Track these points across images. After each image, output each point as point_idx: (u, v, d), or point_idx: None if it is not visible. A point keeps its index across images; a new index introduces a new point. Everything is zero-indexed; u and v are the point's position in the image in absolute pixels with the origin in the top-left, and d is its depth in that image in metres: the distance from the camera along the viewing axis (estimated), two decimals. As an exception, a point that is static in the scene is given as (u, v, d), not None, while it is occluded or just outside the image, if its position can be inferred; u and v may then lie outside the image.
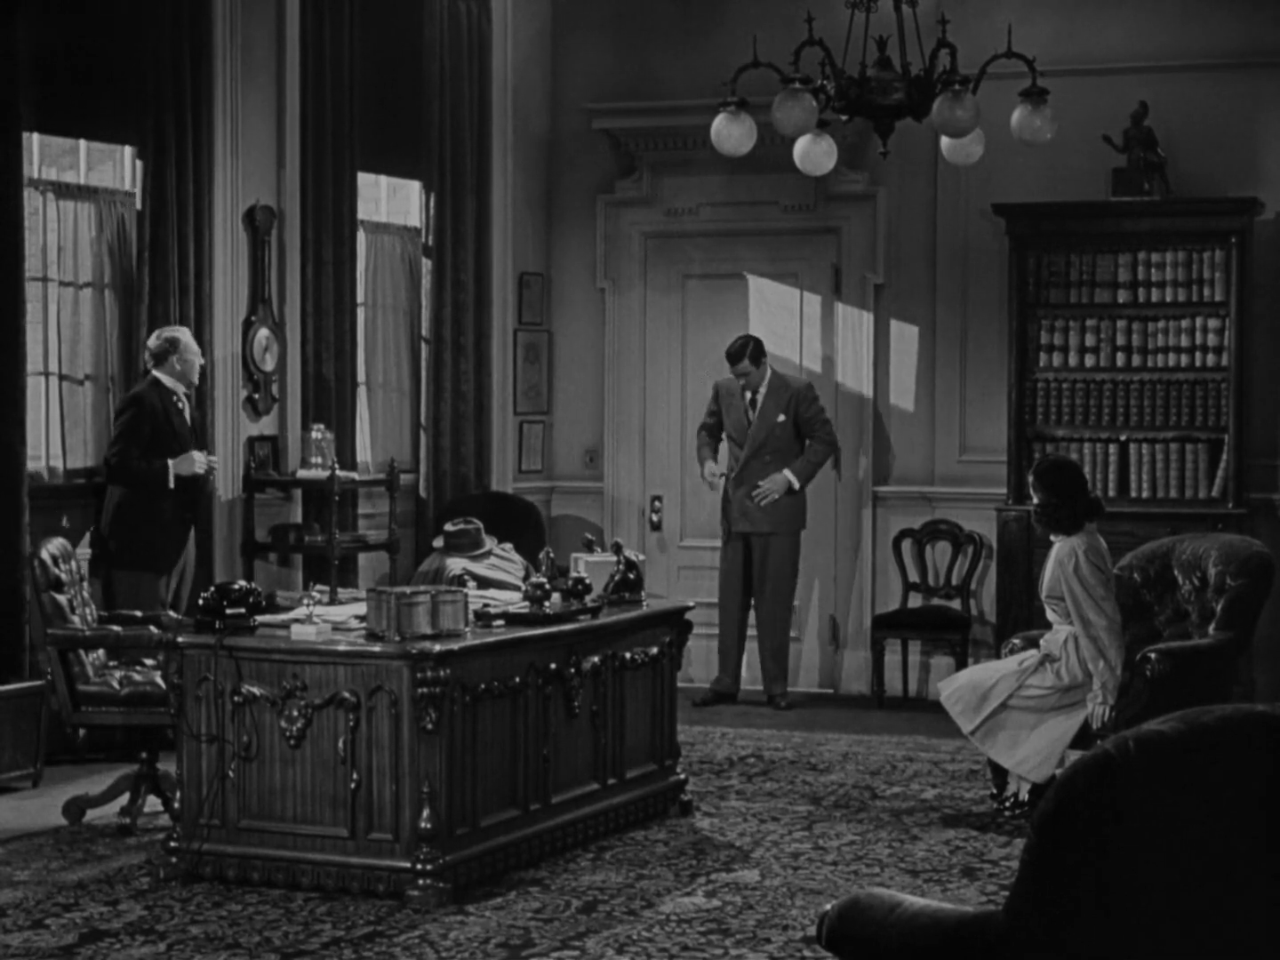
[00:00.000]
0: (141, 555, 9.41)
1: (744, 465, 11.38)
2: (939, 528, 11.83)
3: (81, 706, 7.96)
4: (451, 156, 11.73)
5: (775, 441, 11.37)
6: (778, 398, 11.35)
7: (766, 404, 11.37)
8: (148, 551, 9.43)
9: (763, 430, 11.37)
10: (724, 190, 12.22)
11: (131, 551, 9.39)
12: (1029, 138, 7.89)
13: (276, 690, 6.96)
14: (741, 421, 11.44)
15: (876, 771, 9.39)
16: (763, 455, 11.36)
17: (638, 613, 8.11)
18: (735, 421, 11.48)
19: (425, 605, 6.99)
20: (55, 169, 10.00)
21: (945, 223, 11.83)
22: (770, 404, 11.37)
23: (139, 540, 9.39)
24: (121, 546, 9.40)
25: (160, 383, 9.47)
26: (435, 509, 11.72)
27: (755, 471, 11.38)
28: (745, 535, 11.45)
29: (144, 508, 9.44)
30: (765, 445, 11.36)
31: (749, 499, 11.38)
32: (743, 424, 11.43)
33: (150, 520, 9.47)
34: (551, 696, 7.49)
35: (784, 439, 11.38)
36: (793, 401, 11.35)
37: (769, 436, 11.36)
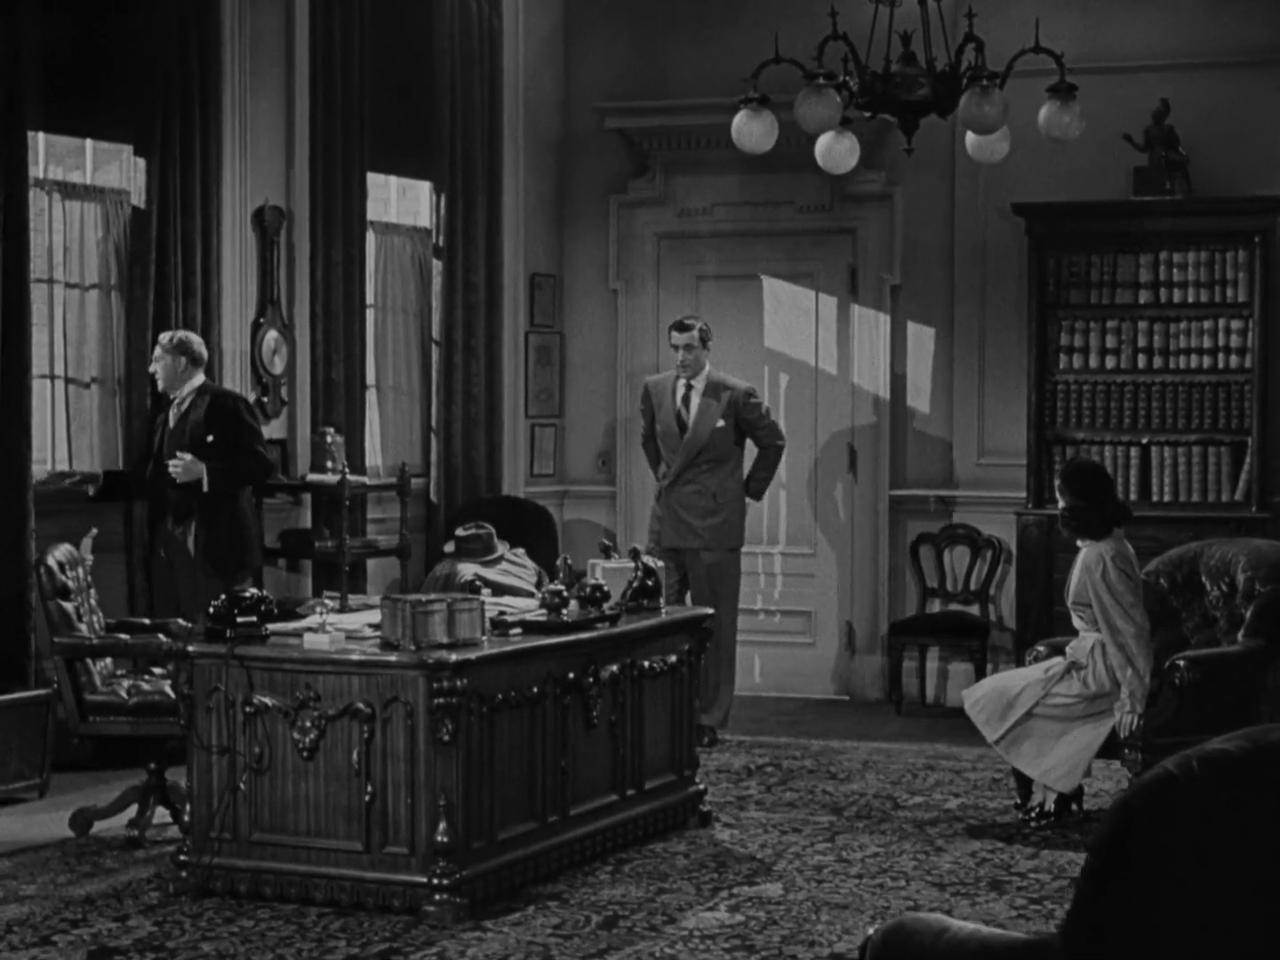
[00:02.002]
0: (236, 557, 9.32)
1: (679, 473, 10.41)
2: (957, 532, 11.67)
3: (89, 716, 7.80)
4: (462, 156, 11.57)
5: (714, 449, 10.37)
6: (716, 399, 10.36)
7: (704, 406, 10.36)
8: (243, 552, 9.36)
9: (700, 435, 10.37)
10: (739, 190, 12.06)
11: (227, 554, 9.26)
12: (1058, 135, 7.72)
13: (289, 701, 6.80)
14: (672, 425, 10.44)
15: (898, 781, 9.22)
16: (699, 463, 10.39)
17: (656, 620, 7.94)
18: (666, 424, 10.47)
19: (441, 614, 6.83)
20: (61, 169, 9.84)
21: (963, 222, 11.67)
22: (707, 406, 10.36)
23: (238, 542, 9.32)
24: (217, 550, 9.25)
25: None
26: (446, 513, 11.55)
27: (691, 479, 10.39)
28: (676, 551, 10.37)
29: (233, 508, 9.31)
30: (704, 452, 10.37)
31: (682, 510, 10.38)
32: (674, 427, 10.43)
33: (240, 520, 9.36)
34: (570, 707, 7.33)
35: (724, 445, 10.39)
36: (733, 406, 10.35)
37: (709, 442, 10.36)
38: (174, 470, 9.23)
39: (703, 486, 10.35)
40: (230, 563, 9.35)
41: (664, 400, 10.45)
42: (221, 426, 9.29)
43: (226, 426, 9.30)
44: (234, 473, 9.31)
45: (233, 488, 9.35)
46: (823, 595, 12.02)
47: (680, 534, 10.38)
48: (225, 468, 9.25)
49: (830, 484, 11.97)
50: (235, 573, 9.40)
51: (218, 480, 9.23)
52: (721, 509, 10.39)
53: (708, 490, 10.35)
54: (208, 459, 9.23)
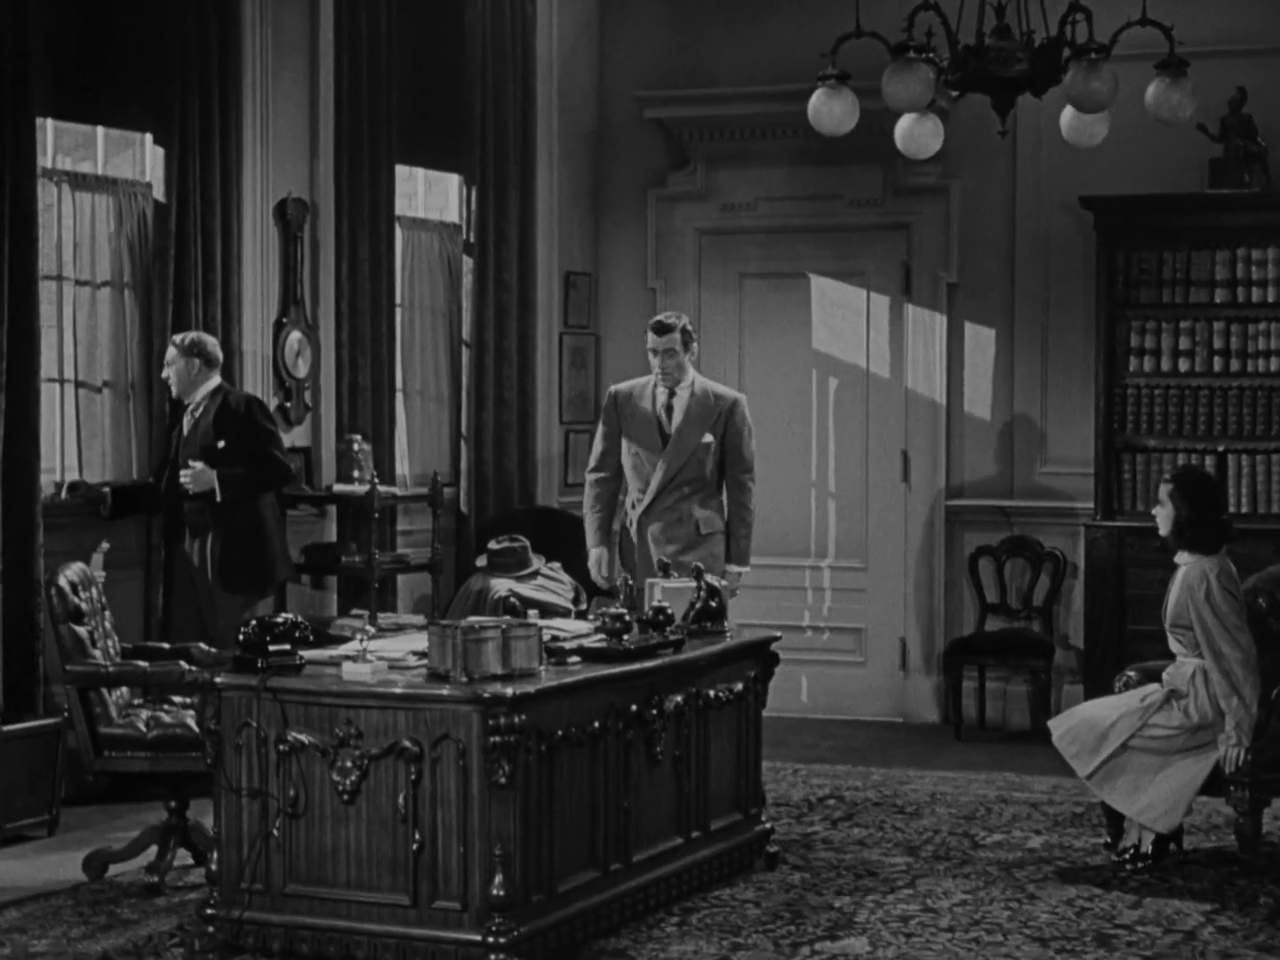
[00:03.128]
0: (256, 573, 8.78)
1: (656, 495, 8.74)
2: (1018, 545, 11.01)
3: (104, 751, 7.16)
4: (494, 148, 10.94)
5: (695, 468, 8.70)
6: (704, 410, 8.73)
7: (690, 415, 8.72)
8: (264, 567, 8.82)
9: (683, 451, 8.70)
10: (784, 183, 11.44)
11: (245, 570, 8.72)
12: (1166, 115, 7.08)
13: (327, 738, 6.15)
14: (652, 438, 8.76)
15: (971, 815, 8.57)
16: (679, 487, 8.73)
17: (722, 645, 7.30)
18: (641, 436, 8.79)
19: (495, 641, 6.19)
20: (71, 158, 9.21)
21: (1025, 217, 11.03)
22: (694, 416, 8.72)
23: (259, 556, 8.79)
24: (234, 566, 8.69)
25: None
26: (477, 525, 10.91)
27: (670, 506, 8.75)
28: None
29: (251, 519, 8.76)
30: (683, 473, 8.72)
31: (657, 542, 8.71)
32: (653, 441, 8.75)
33: (260, 532, 8.80)
34: (632, 742, 6.68)
35: (707, 468, 8.74)
36: (722, 420, 8.72)
37: (690, 461, 8.71)
38: (185, 480, 8.61)
39: (683, 514, 8.73)
40: (249, 579, 8.77)
41: (638, 410, 8.79)
42: (233, 431, 8.71)
43: (238, 430, 8.71)
44: (248, 480, 8.73)
45: (249, 496, 8.75)
46: (875, 612, 11.38)
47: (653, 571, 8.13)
48: (238, 475, 8.67)
49: (883, 494, 11.33)
50: (256, 590, 8.79)
51: (231, 489, 8.64)
52: (705, 540, 8.73)
53: (679, 513, 8.72)
54: (220, 466, 8.61)
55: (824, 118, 7.14)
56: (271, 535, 8.90)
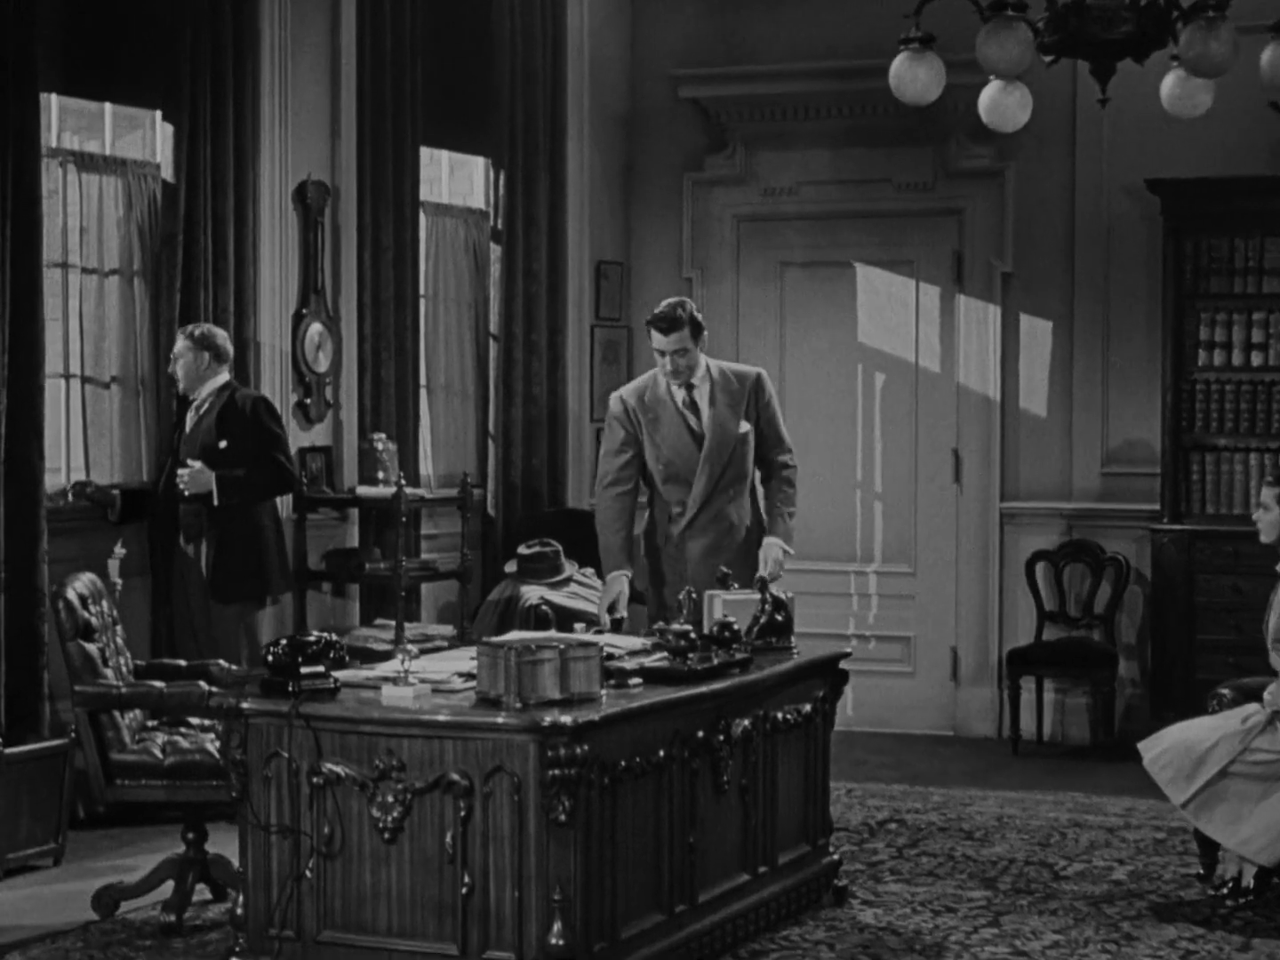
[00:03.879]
0: (250, 583, 8.23)
1: (703, 503, 7.65)
2: (1077, 549, 10.40)
3: (116, 779, 6.55)
4: (523, 130, 10.34)
5: (738, 465, 7.65)
6: (731, 396, 7.65)
7: (719, 406, 7.62)
8: (259, 578, 8.26)
9: (724, 448, 7.61)
10: (829, 167, 10.85)
11: (239, 580, 8.18)
12: (1284, 83, 6.46)
13: (367, 770, 5.55)
14: (683, 439, 7.64)
15: (1046, 842, 7.97)
16: (725, 490, 7.65)
17: (791, 663, 6.69)
18: (672, 441, 7.66)
19: (552, 663, 5.58)
20: (77, 137, 8.62)
21: (1085, 201, 10.43)
22: (724, 406, 7.63)
23: (254, 565, 8.24)
24: (228, 574, 8.15)
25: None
26: (504, 529, 10.31)
27: (715, 517, 7.67)
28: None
29: (249, 526, 8.21)
30: (727, 473, 7.66)
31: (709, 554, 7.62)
32: (686, 443, 7.64)
33: (256, 540, 8.25)
34: (698, 771, 6.08)
35: (747, 459, 7.68)
36: (751, 401, 7.67)
37: (733, 458, 7.64)
38: (181, 481, 8.03)
39: (731, 520, 7.69)
40: (244, 589, 8.22)
41: (661, 413, 7.66)
42: (237, 431, 8.18)
43: (242, 431, 8.19)
44: (248, 484, 8.19)
45: (248, 501, 8.20)
46: (924, 619, 10.79)
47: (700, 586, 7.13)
48: (238, 478, 8.12)
49: (933, 495, 10.73)
50: (250, 601, 8.21)
51: (229, 492, 8.11)
52: (746, 540, 7.70)
53: (728, 520, 7.68)
54: (220, 468, 8.06)
55: (907, 85, 6.52)
56: (269, 545, 8.32)
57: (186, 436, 8.31)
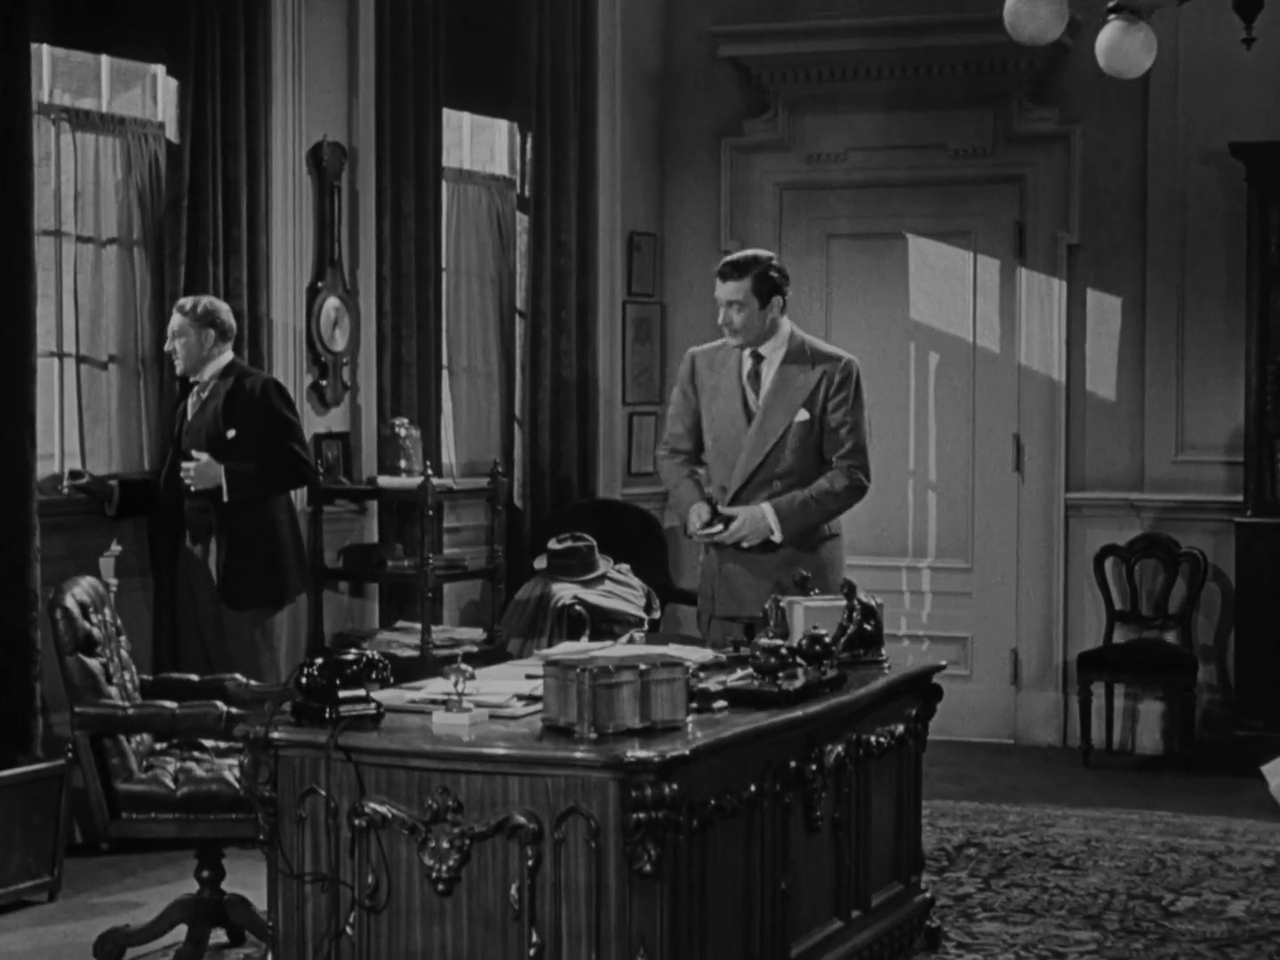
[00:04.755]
0: (267, 586, 7.49)
1: (737, 494, 6.72)
2: (1150, 544, 9.64)
3: (121, 812, 5.76)
4: (552, 91, 9.56)
5: (788, 457, 6.66)
6: (798, 377, 6.67)
7: (779, 384, 6.66)
8: (276, 580, 7.52)
9: (769, 434, 6.66)
10: (879, 131, 10.10)
11: (254, 582, 7.44)
12: None
13: (417, 811, 4.77)
14: (735, 417, 6.72)
15: (1145, 871, 7.22)
16: (768, 483, 6.67)
17: (884, 680, 5.92)
18: (724, 417, 6.75)
19: (632, 686, 4.82)
20: (71, 93, 7.84)
21: (1159, 167, 9.67)
22: (785, 385, 6.66)
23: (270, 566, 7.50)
24: (240, 577, 7.41)
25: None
26: (532, 522, 9.54)
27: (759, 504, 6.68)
28: (741, 620, 6.62)
29: (263, 523, 7.47)
30: (770, 464, 6.67)
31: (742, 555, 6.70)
32: (737, 421, 6.71)
33: (272, 538, 7.50)
34: (791, 806, 5.32)
35: (805, 453, 6.67)
36: (822, 390, 6.66)
37: (779, 447, 6.67)
38: (186, 475, 7.26)
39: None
40: (258, 594, 7.48)
41: (723, 382, 6.75)
42: (246, 418, 7.43)
43: (252, 418, 7.43)
44: (262, 478, 7.43)
45: (262, 496, 7.44)
46: (982, 619, 10.04)
47: (740, 595, 6.66)
48: (250, 472, 7.36)
49: (991, 485, 9.99)
50: (267, 606, 7.43)
51: (241, 487, 7.36)
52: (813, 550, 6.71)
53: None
54: (229, 460, 7.31)
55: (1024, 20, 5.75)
56: (285, 543, 7.56)
57: (189, 424, 7.56)
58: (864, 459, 6.70)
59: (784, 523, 6.61)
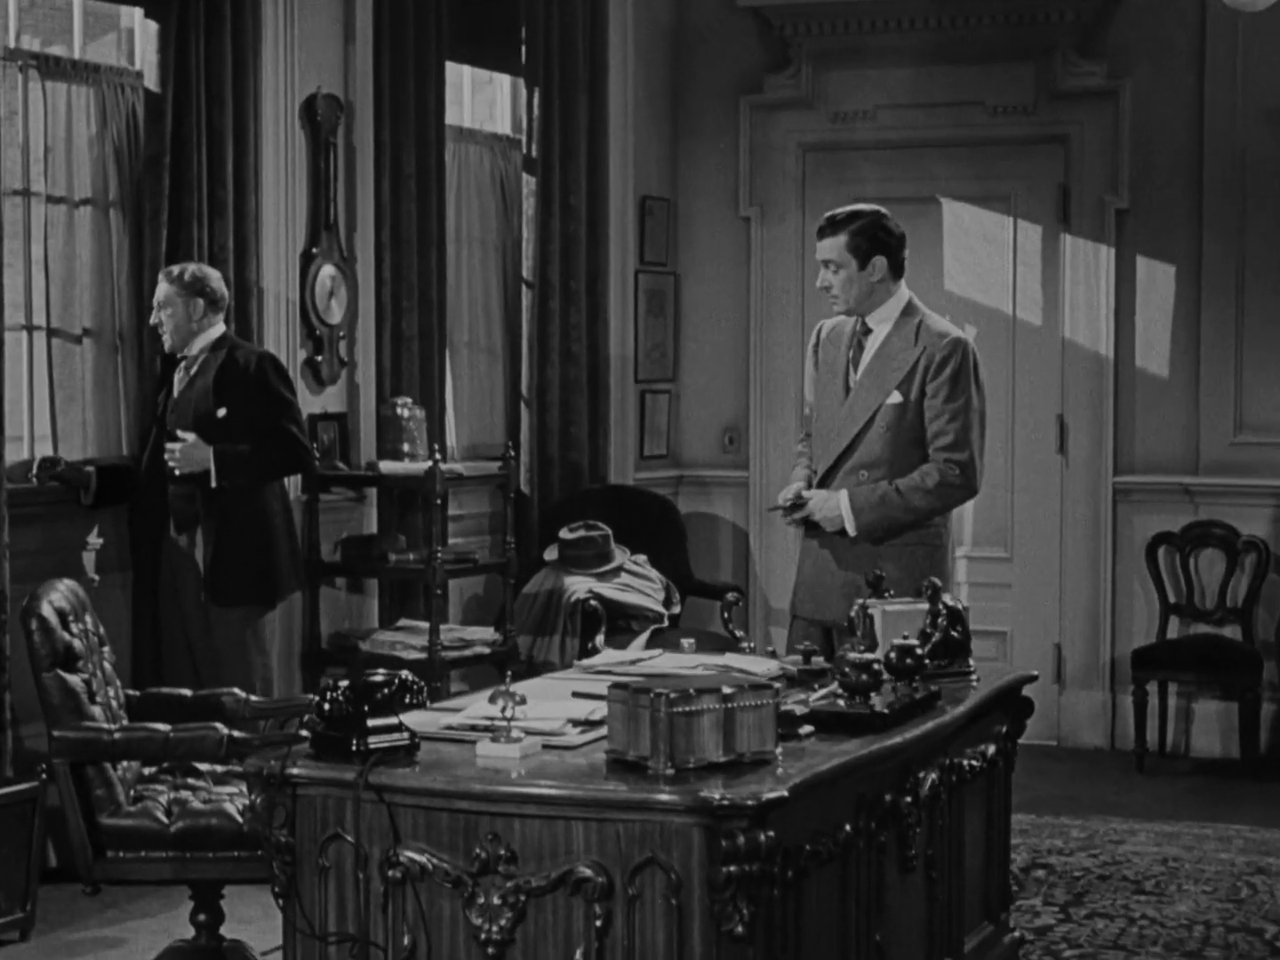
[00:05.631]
0: (258, 581, 6.79)
1: (822, 482, 5.98)
2: (1207, 531, 8.96)
3: (107, 851, 5.02)
4: (560, 44, 8.83)
5: (877, 443, 5.88)
6: (901, 355, 5.89)
7: (879, 360, 5.91)
8: (267, 574, 6.83)
9: (856, 416, 5.91)
10: (910, 87, 9.45)
11: (244, 577, 6.74)
12: None
13: (463, 861, 4.05)
14: (834, 390, 6.00)
15: (1235, 897, 6.56)
16: (855, 468, 5.90)
17: (977, 696, 5.20)
18: (825, 390, 6.04)
19: (714, 714, 4.10)
20: (39, 37, 7.07)
21: (1215, 126, 9.02)
22: (885, 360, 5.90)
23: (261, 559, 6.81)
24: (228, 571, 6.72)
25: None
26: (540, 509, 8.83)
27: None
28: (820, 625, 5.99)
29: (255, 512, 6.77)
30: (861, 446, 5.90)
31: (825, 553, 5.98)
32: (835, 397, 5.99)
33: (264, 528, 6.81)
34: (886, 846, 4.60)
35: (898, 443, 5.88)
36: (921, 368, 5.85)
37: (868, 428, 5.89)
38: (171, 457, 6.53)
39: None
40: (247, 590, 6.79)
41: (835, 354, 6.00)
42: (238, 396, 6.73)
43: (245, 396, 6.73)
44: (254, 461, 6.73)
45: (254, 481, 6.75)
46: (1022, 612, 9.37)
47: (820, 597, 5.99)
48: (242, 454, 6.68)
49: (1033, 468, 9.33)
50: (257, 604, 6.71)
51: (231, 471, 6.68)
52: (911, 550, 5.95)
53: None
54: (218, 442, 6.60)
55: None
56: (278, 535, 6.85)
57: (175, 402, 6.84)
58: (966, 454, 5.86)
59: (858, 515, 5.85)
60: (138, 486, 6.97)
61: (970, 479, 5.89)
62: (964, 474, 5.87)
